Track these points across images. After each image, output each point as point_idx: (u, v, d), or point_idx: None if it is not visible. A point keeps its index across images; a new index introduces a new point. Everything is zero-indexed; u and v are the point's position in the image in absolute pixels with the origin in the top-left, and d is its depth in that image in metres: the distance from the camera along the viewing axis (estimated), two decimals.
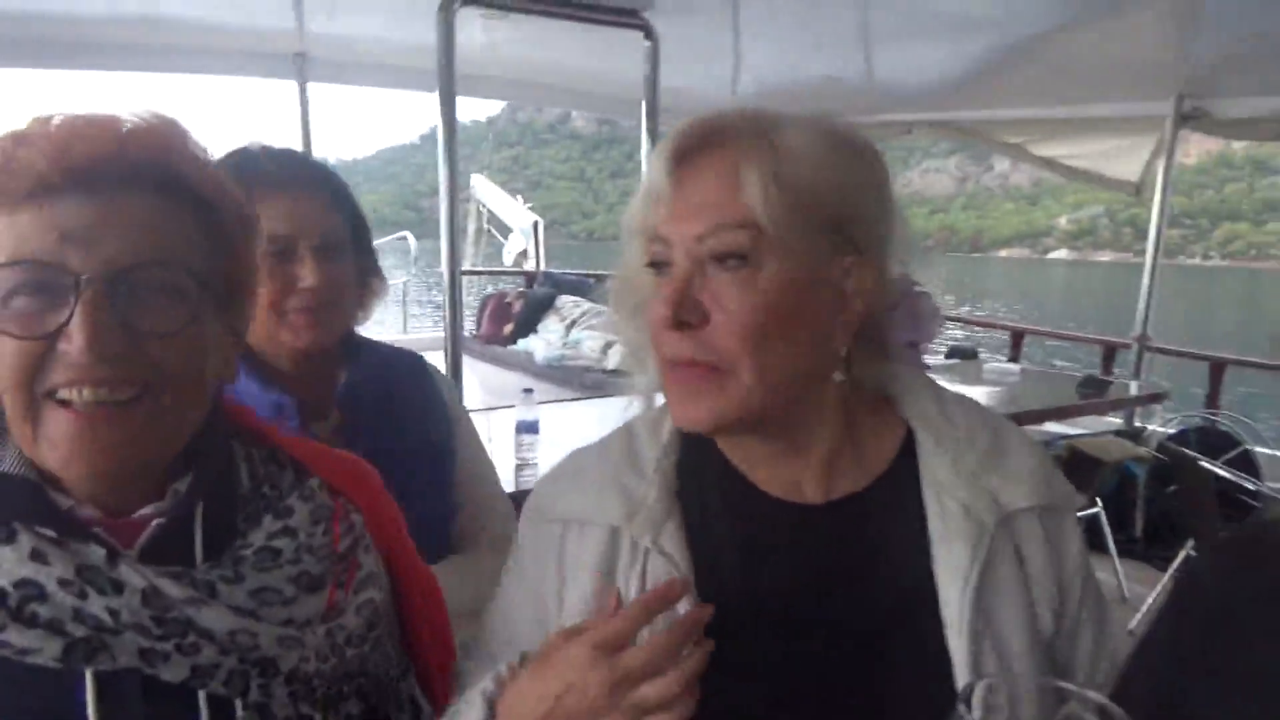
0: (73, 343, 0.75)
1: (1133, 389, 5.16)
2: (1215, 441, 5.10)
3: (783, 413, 0.90)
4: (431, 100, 3.64)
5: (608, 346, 5.83)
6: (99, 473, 0.81)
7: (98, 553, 0.80)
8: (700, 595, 0.89)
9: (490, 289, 9.14)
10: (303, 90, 4.81)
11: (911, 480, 0.93)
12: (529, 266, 10.21)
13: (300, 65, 4.73)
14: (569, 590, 0.95)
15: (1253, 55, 4.29)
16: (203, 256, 0.85)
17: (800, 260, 0.85)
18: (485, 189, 12.68)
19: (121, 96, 1.00)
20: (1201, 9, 3.84)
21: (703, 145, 0.87)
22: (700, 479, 0.97)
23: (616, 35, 4.08)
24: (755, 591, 0.91)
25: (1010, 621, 0.88)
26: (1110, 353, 6.26)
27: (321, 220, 1.44)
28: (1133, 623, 3.91)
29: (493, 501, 1.67)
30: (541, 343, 6.37)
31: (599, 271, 8.56)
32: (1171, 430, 5.47)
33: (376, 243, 1.61)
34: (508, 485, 2.00)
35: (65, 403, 0.77)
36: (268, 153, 1.47)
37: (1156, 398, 5.14)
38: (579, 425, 3.58)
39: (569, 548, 0.96)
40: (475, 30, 4.21)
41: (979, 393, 4.84)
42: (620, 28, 4.01)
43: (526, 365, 6.04)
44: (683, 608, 0.86)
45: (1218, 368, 5.78)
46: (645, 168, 4.26)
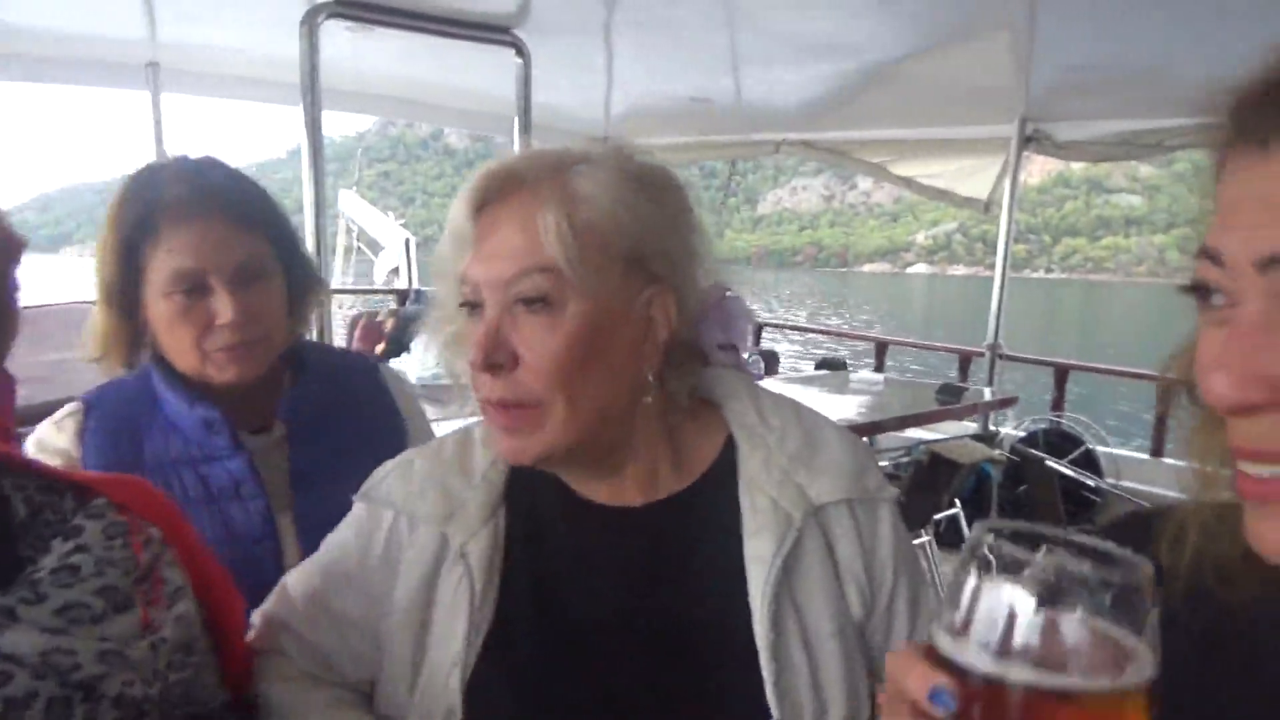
0: None
1: (986, 395, 5.46)
2: (1061, 442, 5.46)
3: (599, 439, 0.94)
4: (299, 114, 3.54)
5: None
6: None
7: None
8: (534, 603, 0.95)
9: (360, 308, 8.89)
10: (155, 102, 4.57)
11: (730, 480, 0.98)
12: (401, 284, 9.98)
13: (153, 75, 4.50)
14: (398, 584, 0.98)
15: (1085, 83, 4.65)
16: None
17: (601, 297, 0.90)
18: (354, 205, 12.34)
19: None
20: (1039, 41, 4.13)
21: (501, 191, 0.92)
22: (531, 490, 1.00)
23: (489, 52, 4.06)
24: (587, 594, 0.96)
25: (818, 609, 0.94)
26: (966, 361, 6.62)
27: (234, 246, 1.33)
28: None
29: None
30: (415, 362, 6.24)
31: None
32: (1022, 433, 5.83)
33: None
34: None
35: None
36: (178, 172, 1.35)
37: (1007, 402, 5.47)
38: None
39: (399, 539, 0.99)
40: (342, 43, 4.11)
41: (847, 401, 5.03)
42: (491, 44, 4.01)
43: None
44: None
45: (1062, 373, 6.19)
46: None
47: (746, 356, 1.09)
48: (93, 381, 4.63)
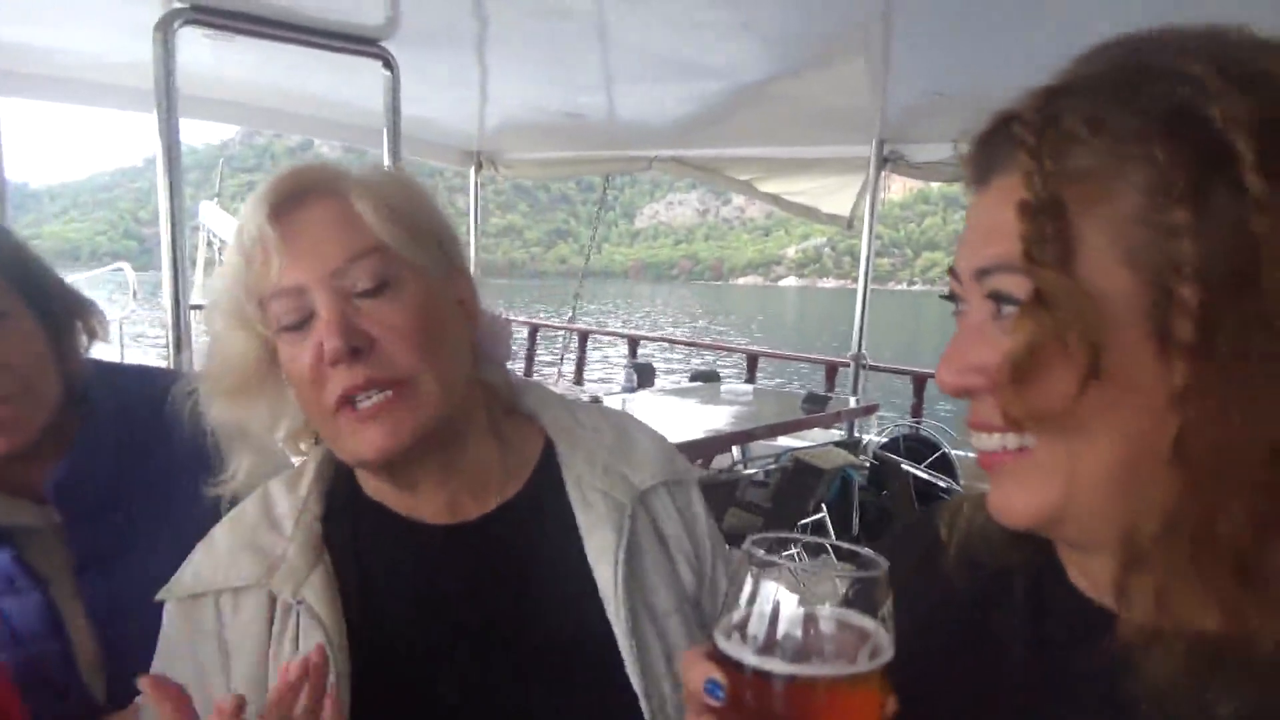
0: None
1: (851, 403, 5.71)
2: (920, 447, 5.75)
3: (451, 422, 0.93)
4: (152, 122, 3.39)
5: None
6: None
7: None
8: (368, 640, 0.90)
9: None
10: None
11: (555, 482, 1.00)
12: None
13: None
14: (234, 664, 0.89)
15: (935, 108, 4.93)
16: None
17: (428, 276, 0.92)
18: (215, 217, 11.81)
19: None
20: (893, 66, 4.37)
21: (293, 198, 0.90)
22: (351, 526, 0.96)
23: (359, 62, 3.99)
24: (428, 620, 0.93)
25: (658, 588, 0.98)
26: (832, 371, 6.89)
27: None
28: None
29: None
30: None
31: None
32: (884, 439, 6.10)
33: (86, 275, 1.34)
34: None
35: None
36: None
37: (869, 410, 5.73)
38: None
39: (227, 620, 0.91)
40: (202, 50, 3.96)
41: (720, 411, 5.16)
42: (358, 56, 3.94)
43: None
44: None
45: (920, 381, 6.52)
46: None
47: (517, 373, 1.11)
48: None
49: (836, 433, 6.11)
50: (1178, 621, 0.58)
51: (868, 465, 5.48)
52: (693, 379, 7.12)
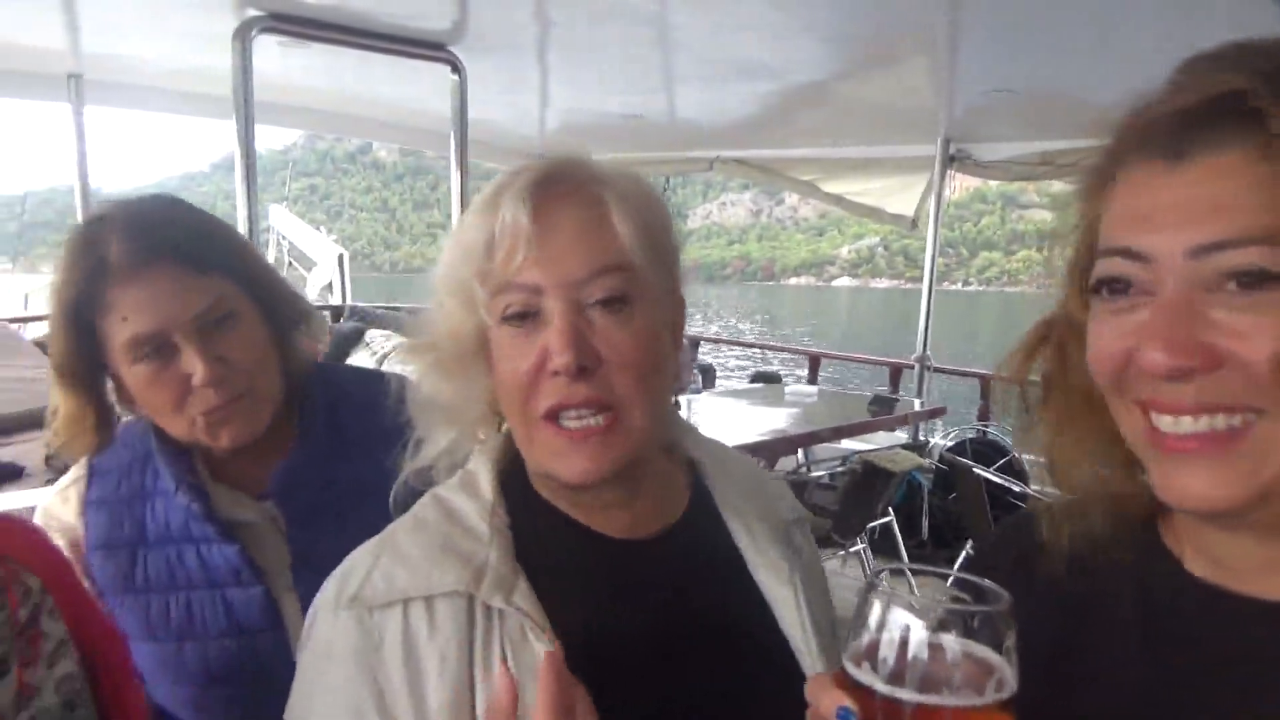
0: None
1: (916, 405, 5.62)
2: (987, 450, 5.63)
3: (646, 454, 0.90)
4: (225, 127, 3.48)
5: None
6: None
7: None
8: (585, 654, 0.83)
9: None
10: (78, 114, 4.43)
11: (711, 507, 1.00)
12: (334, 300, 9.81)
13: (75, 87, 4.36)
14: (431, 675, 0.82)
15: (1004, 106, 4.84)
16: None
17: (657, 299, 0.88)
18: (285, 220, 12.10)
19: None
20: (959, 65, 4.29)
21: (565, 187, 0.86)
22: (538, 533, 0.92)
23: (421, 66, 4.05)
24: (613, 634, 0.88)
25: (818, 611, 0.98)
26: (896, 373, 6.79)
27: (191, 295, 1.17)
28: None
29: None
30: None
31: (406, 304, 8.37)
32: (950, 442, 5.99)
33: None
34: None
35: None
36: (116, 227, 1.19)
37: (936, 413, 5.63)
38: None
39: (417, 629, 0.83)
40: (273, 57, 4.05)
41: (783, 413, 5.12)
42: (427, 61, 4.00)
43: None
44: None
45: (987, 383, 6.38)
46: (456, 202, 4.21)
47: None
48: (9, 404, 4.40)
49: (901, 435, 6.02)
50: None
51: (933, 469, 5.39)
52: (754, 380, 7.08)
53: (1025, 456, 5.68)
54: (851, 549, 4.37)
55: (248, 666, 1.19)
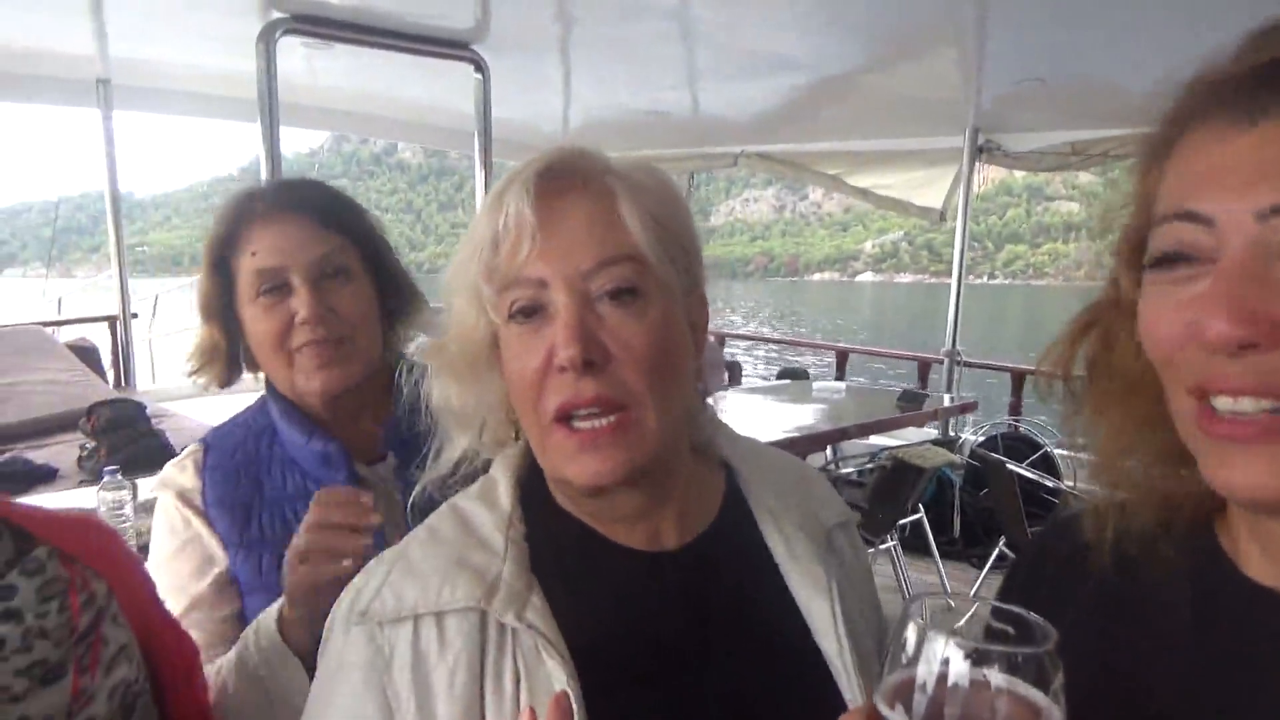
0: None
1: (945, 401, 5.56)
2: (1020, 445, 5.56)
3: (665, 456, 0.86)
4: (251, 130, 3.49)
5: None
6: None
7: None
8: (579, 665, 0.81)
9: None
10: (106, 119, 4.48)
11: (745, 514, 0.95)
12: None
13: (104, 92, 4.41)
14: (440, 693, 0.80)
15: (1032, 96, 4.77)
16: None
17: (671, 294, 0.85)
18: None
19: None
20: (988, 54, 4.23)
21: (569, 179, 0.83)
22: (555, 546, 0.88)
23: (445, 66, 4.05)
24: (638, 646, 0.86)
25: (858, 622, 0.93)
26: (925, 368, 6.72)
27: (314, 243, 1.32)
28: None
29: None
30: None
31: (434, 304, 8.41)
32: (981, 437, 5.92)
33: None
34: None
35: None
36: (271, 186, 1.40)
37: (967, 408, 5.56)
38: None
39: (427, 646, 0.82)
40: (297, 59, 4.07)
41: (811, 410, 5.08)
42: (451, 60, 4.00)
43: None
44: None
45: (1018, 377, 6.31)
46: (480, 201, 4.25)
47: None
48: (44, 407, 4.48)
49: (931, 431, 5.96)
50: None
51: (964, 465, 5.32)
52: (781, 376, 7.04)
53: (1059, 452, 5.62)
54: (881, 546, 4.33)
55: None
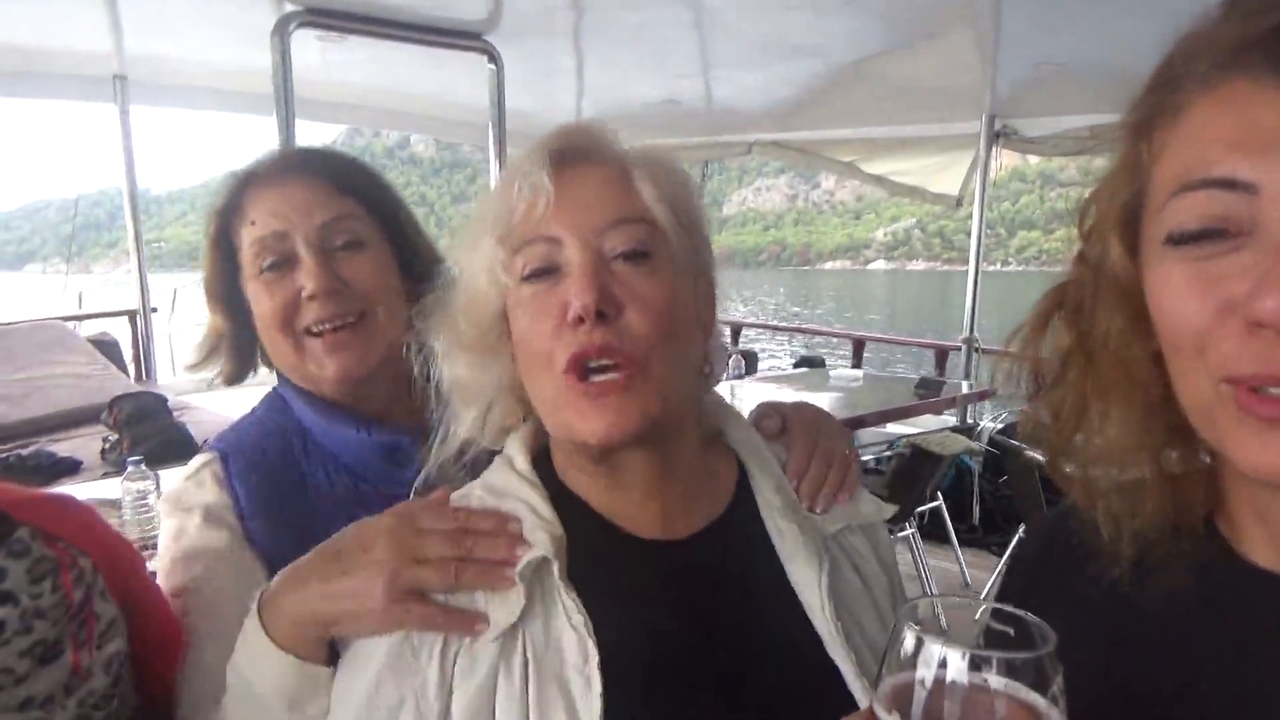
0: None
1: (964, 388, 5.52)
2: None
3: (670, 427, 0.88)
4: (267, 125, 3.50)
5: None
6: None
7: None
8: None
9: None
10: (124, 114, 4.50)
11: (752, 507, 0.95)
12: None
13: (121, 88, 4.43)
14: (458, 681, 0.81)
15: (1051, 79, 4.72)
16: None
17: (683, 266, 0.87)
18: None
19: None
20: (1004, 38, 4.19)
21: (584, 151, 0.87)
22: (570, 529, 0.88)
23: (458, 58, 4.04)
24: (645, 633, 0.86)
25: (869, 624, 0.92)
26: (942, 355, 6.68)
27: (319, 206, 1.16)
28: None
29: None
30: None
31: None
32: (1000, 424, 5.88)
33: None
34: None
35: None
36: (279, 151, 1.28)
37: (985, 395, 5.52)
38: None
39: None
40: (312, 53, 4.07)
41: (828, 398, 5.06)
42: (463, 51, 3.99)
43: None
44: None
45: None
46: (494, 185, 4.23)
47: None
48: (67, 400, 4.50)
49: (949, 419, 5.92)
50: None
51: (983, 452, 5.29)
52: (797, 365, 7.02)
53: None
54: (900, 534, 4.31)
55: None
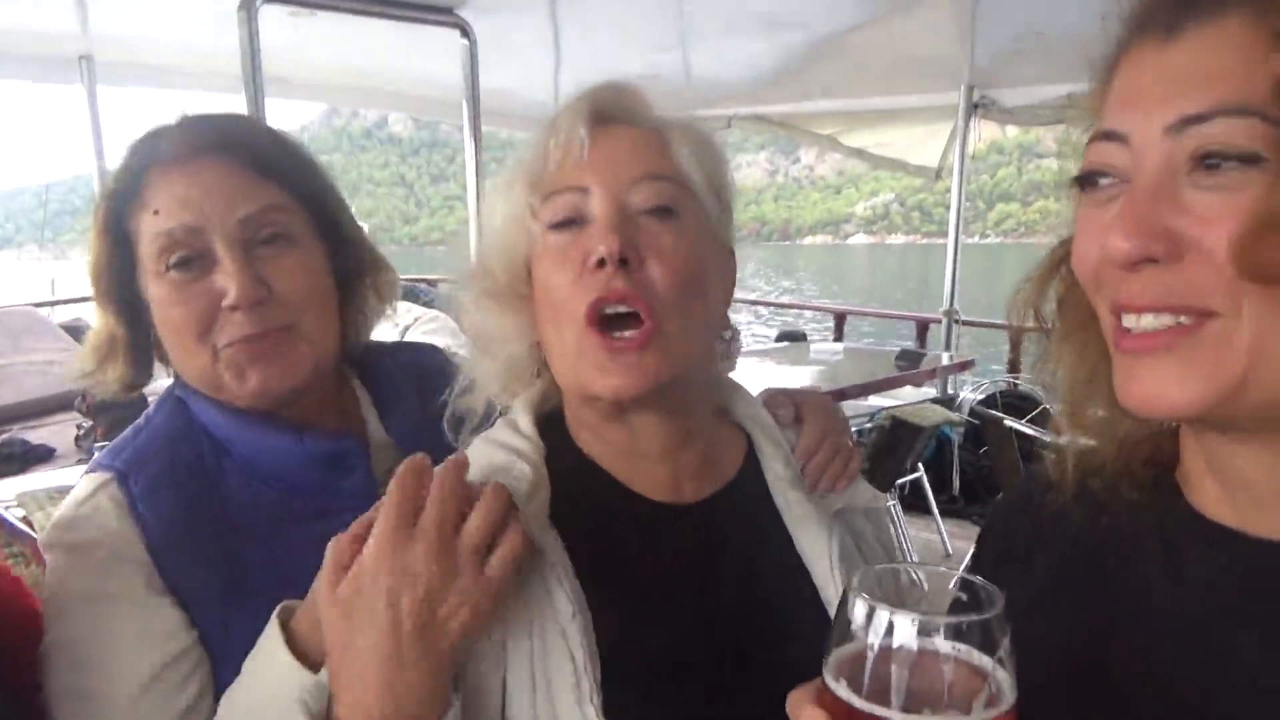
0: None
1: (944, 359, 5.55)
2: (1018, 402, 5.56)
3: (686, 390, 0.89)
4: (238, 104, 3.44)
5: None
6: None
7: None
8: (596, 609, 0.82)
9: None
10: (92, 95, 4.41)
11: (760, 479, 0.98)
12: None
13: (87, 69, 4.34)
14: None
15: (1030, 48, 4.70)
16: None
17: (709, 230, 0.89)
18: None
19: None
20: (981, 7, 4.17)
21: (625, 111, 0.88)
22: (573, 487, 0.89)
23: (435, 34, 3.98)
24: (651, 595, 0.87)
25: None
26: (923, 328, 6.70)
27: (240, 195, 0.99)
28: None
29: None
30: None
31: (428, 276, 8.36)
32: (981, 395, 5.92)
33: None
34: None
35: None
36: (183, 123, 1.05)
37: (965, 365, 5.56)
38: None
39: None
40: (284, 30, 4.00)
41: (808, 371, 5.07)
42: (435, 26, 3.93)
43: None
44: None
45: (1017, 334, 6.29)
46: (471, 169, 4.18)
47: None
48: (39, 387, 4.46)
49: (930, 391, 5.95)
50: None
51: (963, 423, 5.33)
52: (779, 339, 7.03)
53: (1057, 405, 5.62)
54: None
55: None
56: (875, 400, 5.58)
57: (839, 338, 7.23)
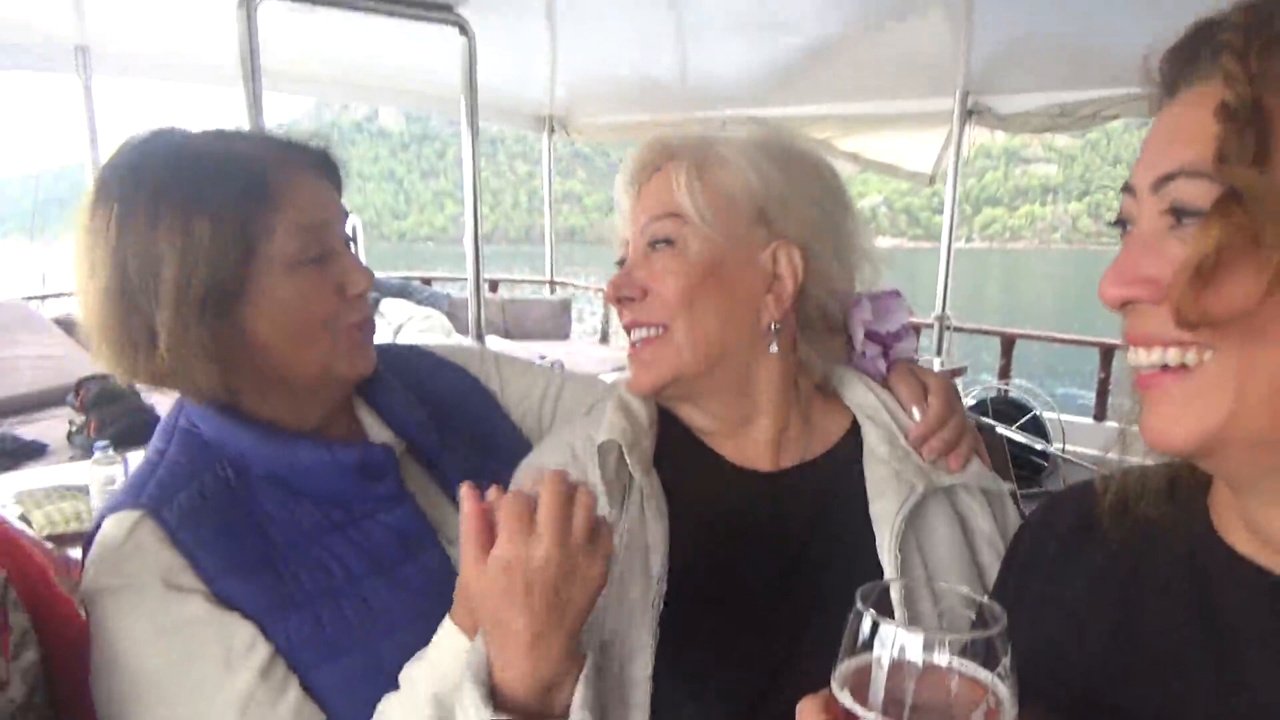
0: None
1: (936, 365, 5.57)
2: (1009, 409, 5.60)
3: (719, 376, 1.04)
4: (233, 97, 3.42)
5: None
6: None
7: None
8: (678, 559, 0.97)
9: None
10: (87, 86, 4.39)
11: (855, 455, 1.08)
12: None
13: (83, 59, 4.32)
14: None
15: (1024, 55, 4.73)
16: None
17: (724, 244, 1.02)
18: None
19: None
20: (977, 14, 4.18)
21: (653, 165, 1.07)
22: (671, 447, 1.08)
23: (430, 30, 3.97)
24: (729, 554, 1.02)
25: (945, 565, 1.01)
26: (914, 333, 6.70)
27: (340, 208, 1.14)
28: None
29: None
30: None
31: (419, 274, 8.33)
32: (971, 401, 5.94)
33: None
34: None
35: None
36: (290, 140, 1.16)
37: (956, 373, 5.58)
38: None
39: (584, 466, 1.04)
40: (281, 23, 3.98)
41: None
42: (434, 23, 3.92)
43: None
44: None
45: (1009, 341, 6.33)
46: (467, 166, 4.17)
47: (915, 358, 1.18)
48: (31, 382, 4.42)
49: None
50: None
51: None
52: None
53: (1048, 415, 5.66)
54: None
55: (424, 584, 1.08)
56: None
57: None
